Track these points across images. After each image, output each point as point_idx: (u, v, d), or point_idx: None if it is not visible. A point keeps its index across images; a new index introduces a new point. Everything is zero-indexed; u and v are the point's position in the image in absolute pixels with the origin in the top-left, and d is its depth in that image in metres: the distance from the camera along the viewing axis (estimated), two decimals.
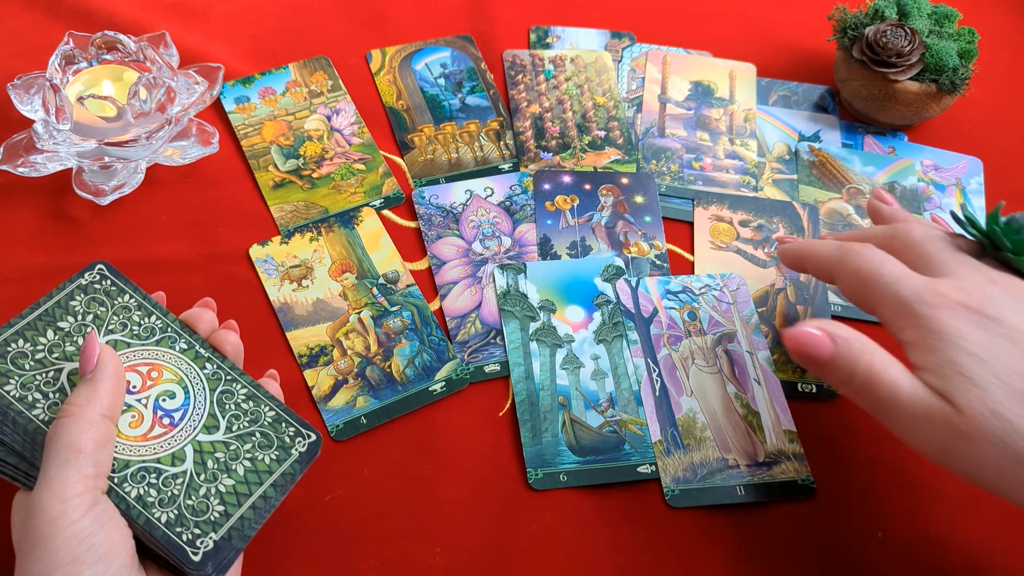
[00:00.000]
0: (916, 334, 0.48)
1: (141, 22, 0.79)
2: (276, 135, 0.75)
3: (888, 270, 0.51)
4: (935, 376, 0.47)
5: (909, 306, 0.49)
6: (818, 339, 0.50)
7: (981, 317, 0.47)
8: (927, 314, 0.48)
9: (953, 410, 0.46)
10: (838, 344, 0.50)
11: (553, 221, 0.71)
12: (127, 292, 0.54)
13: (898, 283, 0.50)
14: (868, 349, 0.49)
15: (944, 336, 0.47)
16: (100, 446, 0.45)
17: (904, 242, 0.54)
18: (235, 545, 0.47)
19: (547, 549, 0.57)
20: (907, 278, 0.50)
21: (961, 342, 0.47)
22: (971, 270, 0.50)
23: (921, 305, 0.48)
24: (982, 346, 0.46)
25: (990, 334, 0.47)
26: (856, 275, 0.52)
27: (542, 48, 0.84)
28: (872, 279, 0.51)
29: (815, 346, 0.50)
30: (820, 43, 0.86)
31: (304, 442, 0.52)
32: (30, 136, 0.66)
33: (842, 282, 0.54)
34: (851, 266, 0.53)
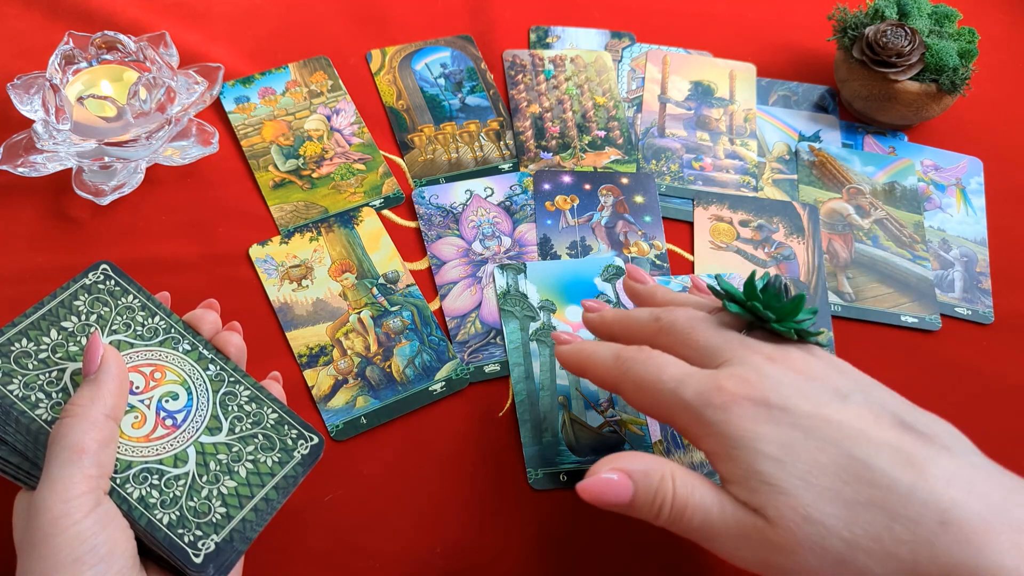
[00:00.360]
0: (713, 443, 0.45)
1: (141, 22, 0.79)
2: (276, 135, 0.75)
3: (668, 374, 0.47)
4: (742, 489, 0.44)
5: (697, 412, 0.46)
6: (617, 485, 0.46)
7: (768, 409, 0.44)
8: (717, 419, 0.45)
9: (766, 523, 0.43)
10: (636, 480, 0.46)
11: (553, 221, 0.71)
12: (131, 292, 0.54)
13: (680, 388, 0.46)
14: (668, 475, 0.46)
15: (739, 442, 0.44)
16: (103, 446, 0.45)
17: (672, 336, 0.51)
18: (236, 547, 0.47)
19: (547, 549, 0.57)
20: (687, 379, 0.47)
21: (758, 445, 0.44)
22: (746, 351, 0.48)
23: (708, 409, 0.45)
24: (778, 445, 0.43)
25: (783, 428, 0.44)
26: (639, 388, 0.49)
27: (542, 48, 0.84)
28: (654, 388, 0.48)
29: (615, 493, 0.46)
30: (820, 43, 0.86)
31: (306, 445, 0.52)
32: (30, 136, 0.66)
33: (627, 395, 0.50)
34: (631, 378, 0.49)
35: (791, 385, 0.45)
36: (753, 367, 0.46)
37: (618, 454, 0.47)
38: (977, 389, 0.66)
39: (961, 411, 0.65)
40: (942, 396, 0.65)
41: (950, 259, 0.72)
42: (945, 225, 0.74)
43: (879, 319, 0.68)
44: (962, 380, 0.66)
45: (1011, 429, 0.64)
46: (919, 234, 0.73)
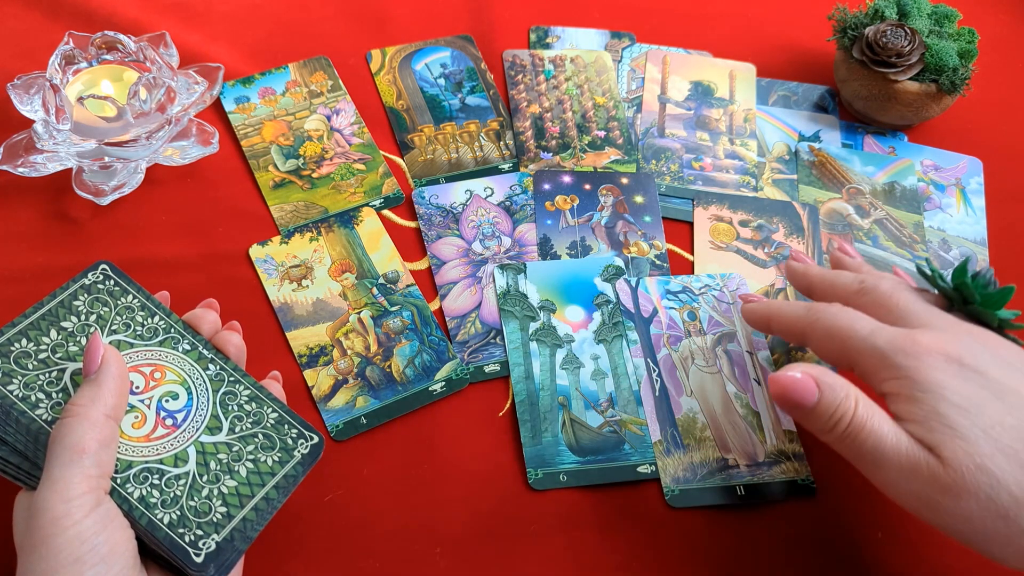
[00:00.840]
0: (898, 385, 0.47)
1: (141, 22, 0.79)
2: (276, 135, 0.75)
3: (861, 324, 0.50)
4: (920, 427, 0.46)
5: (888, 357, 0.48)
6: (804, 385, 0.49)
7: (962, 367, 0.46)
8: (908, 364, 0.47)
9: (939, 463, 0.45)
10: (823, 390, 0.48)
11: (553, 221, 0.71)
12: (130, 292, 0.54)
13: (873, 335, 0.49)
14: (853, 396, 0.48)
15: (927, 387, 0.46)
16: (104, 446, 0.45)
17: (872, 297, 0.53)
18: (237, 547, 0.47)
19: (547, 549, 0.57)
20: (881, 329, 0.49)
21: (945, 393, 0.46)
22: (945, 321, 0.50)
23: (900, 355, 0.47)
24: (966, 398, 0.45)
25: (973, 385, 0.46)
26: (829, 333, 0.51)
27: (542, 48, 0.84)
28: (846, 334, 0.50)
29: (801, 393, 0.49)
30: (820, 43, 0.86)
31: (307, 444, 0.52)
32: (30, 136, 0.66)
33: (815, 342, 0.53)
34: (823, 325, 0.52)
35: (986, 357, 0.47)
36: (952, 332, 0.48)
37: (810, 364, 0.50)
38: None
39: None
40: None
41: (950, 259, 0.72)
42: (945, 225, 0.74)
43: None
44: None
45: None
46: (919, 234, 0.73)
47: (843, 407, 0.48)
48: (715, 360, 0.65)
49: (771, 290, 0.69)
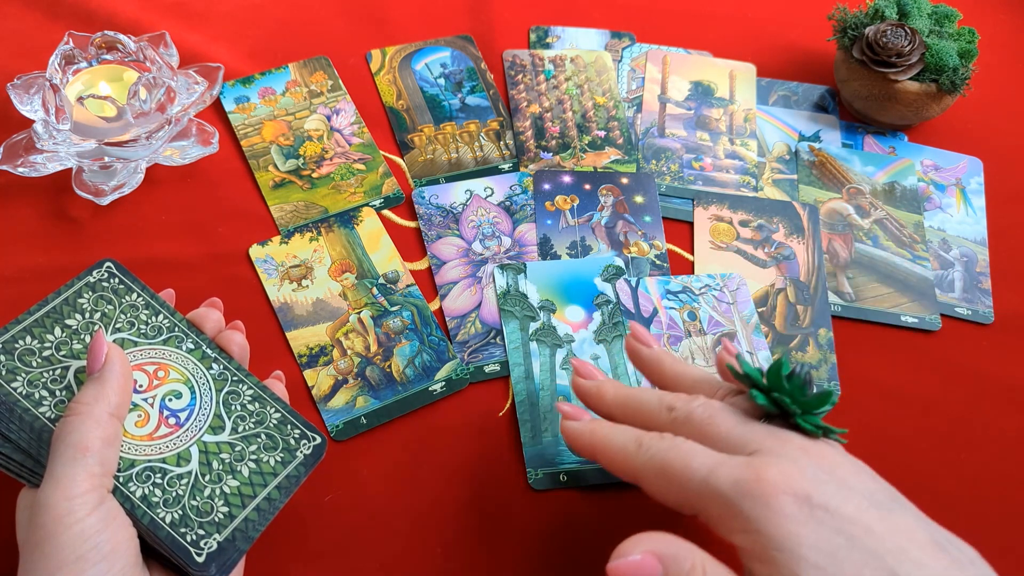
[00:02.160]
0: (749, 540, 0.42)
1: (141, 22, 0.79)
2: (276, 135, 0.75)
3: (699, 460, 0.45)
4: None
5: (734, 504, 0.42)
6: (646, 567, 0.44)
7: (811, 508, 0.42)
8: (757, 515, 0.42)
9: None
10: (667, 565, 0.43)
11: (553, 221, 0.72)
12: (135, 291, 0.54)
13: (712, 475, 0.44)
14: (699, 566, 0.43)
15: (781, 544, 0.41)
16: (107, 445, 0.45)
17: (688, 426, 0.48)
18: (239, 547, 0.47)
19: (547, 549, 0.57)
20: (720, 467, 0.44)
21: (802, 551, 0.41)
22: (777, 441, 0.45)
23: (747, 500, 0.42)
24: (823, 553, 0.41)
25: (826, 531, 0.41)
26: (663, 475, 0.46)
27: (542, 48, 0.84)
28: (683, 476, 0.45)
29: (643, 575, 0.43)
30: (820, 43, 0.86)
31: (309, 444, 0.52)
32: (30, 136, 0.66)
33: (648, 484, 0.47)
34: (655, 464, 0.46)
35: (830, 485, 0.43)
36: (790, 458, 0.44)
37: (648, 535, 0.45)
38: (977, 389, 0.66)
39: (961, 411, 0.66)
40: (942, 396, 0.65)
41: (950, 259, 0.72)
42: (945, 225, 0.75)
43: (879, 319, 0.68)
44: (962, 380, 0.66)
45: (1011, 429, 0.64)
46: (919, 234, 0.73)
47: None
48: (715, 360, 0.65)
49: (771, 290, 0.69)
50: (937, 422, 0.64)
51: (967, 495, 0.61)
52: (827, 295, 0.69)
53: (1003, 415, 0.65)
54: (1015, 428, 0.64)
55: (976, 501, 0.61)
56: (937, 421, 0.64)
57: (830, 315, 0.68)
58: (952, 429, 0.64)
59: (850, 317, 0.69)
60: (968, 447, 0.63)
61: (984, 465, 0.63)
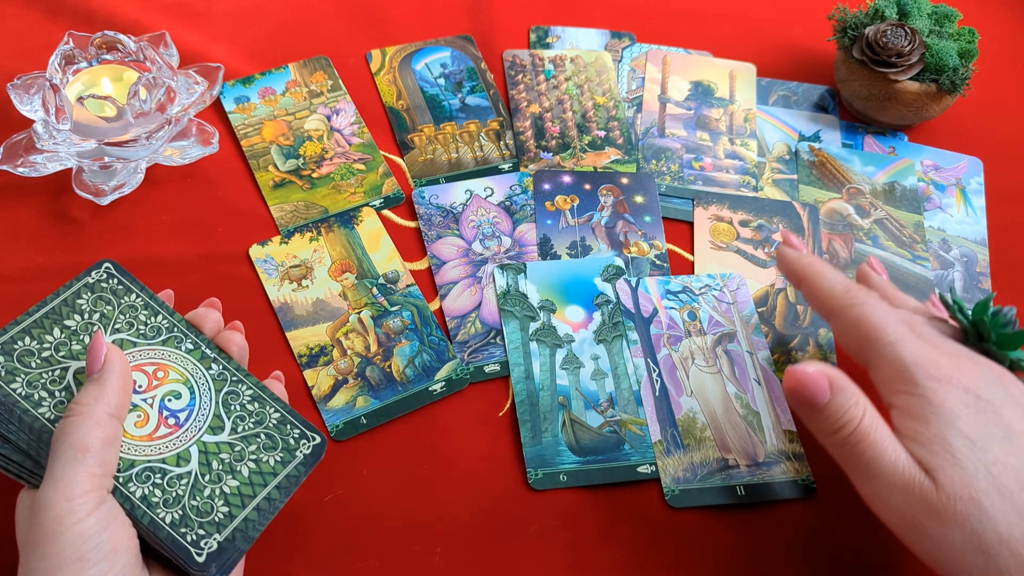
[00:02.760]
0: (910, 401, 0.47)
1: (141, 22, 0.79)
2: (276, 135, 0.75)
3: (892, 328, 0.50)
4: (923, 449, 0.46)
5: (909, 371, 0.48)
6: (817, 383, 0.48)
7: (977, 398, 0.46)
8: (927, 384, 0.47)
9: (932, 486, 0.45)
10: (835, 393, 0.48)
11: (553, 221, 0.71)
12: (134, 291, 0.54)
13: (899, 344, 0.49)
14: (862, 404, 0.48)
15: (940, 411, 0.46)
16: (107, 445, 0.45)
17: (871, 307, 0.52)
18: (239, 546, 0.47)
19: (547, 549, 0.57)
20: (909, 341, 0.49)
21: (956, 421, 0.46)
22: (962, 352, 0.50)
23: (921, 373, 0.47)
24: (976, 430, 0.45)
25: (984, 418, 0.46)
26: (857, 325, 0.51)
27: (542, 48, 0.84)
28: (874, 333, 0.50)
29: (813, 390, 0.48)
30: (820, 43, 0.86)
31: (308, 444, 0.52)
32: (30, 136, 0.66)
33: (840, 326, 0.52)
34: (855, 313, 0.51)
35: (1000, 395, 0.47)
36: (973, 362, 0.48)
37: (827, 365, 0.50)
38: None
39: None
40: None
41: (950, 259, 0.72)
42: (945, 225, 0.75)
43: None
44: None
45: None
46: (919, 234, 0.73)
47: (851, 413, 0.48)
48: (715, 360, 0.65)
49: (771, 290, 0.69)
50: None
51: None
52: None
53: None
54: None
55: None
56: None
57: None
58: None
59: None
60: None
61: None
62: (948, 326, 0.53)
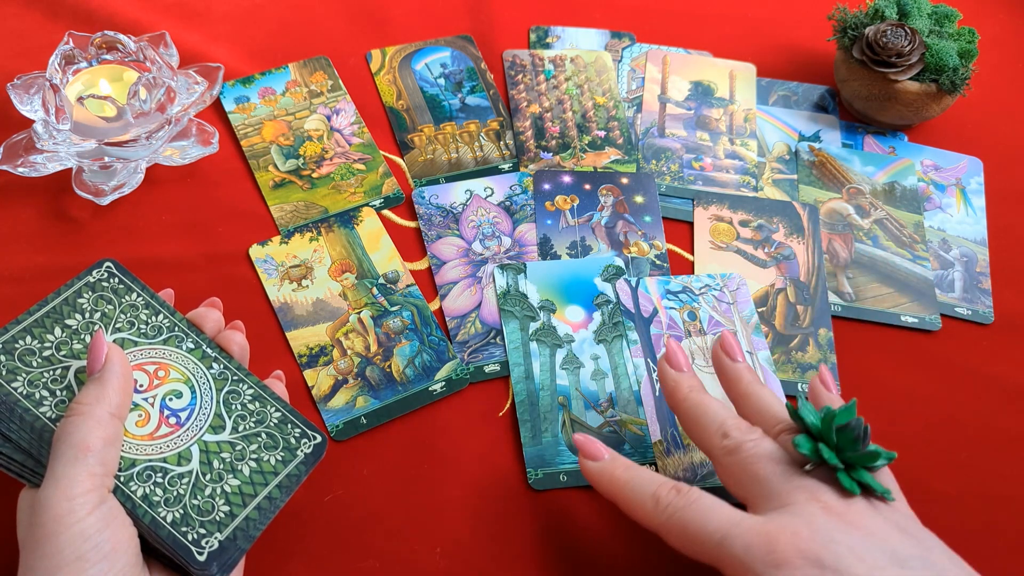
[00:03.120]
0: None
1: (141, 22, 0.79)
2: (276, 135, 0.75)
3: (714, 524, 0.46)
4: None
5: (748, 568, 0.44)
6: None
7: (822, 570, 0.43)
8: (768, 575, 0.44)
9: None
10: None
11: (553, 221, 0.72)
12: (135, 290, 0.54)
13: (727, 541, 0.45)
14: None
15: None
16: (108, 444, 0.45)
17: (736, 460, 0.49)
18: (240, 545, 0.47)
19: (547, 549, 0.57)
20: (734, 530, 0.46)
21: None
22: (805, 497, 0.46)
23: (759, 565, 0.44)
24: None
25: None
26: (683, 534, 0.48)
27: (542, 48, 0.84)
28: (700, 538, 0.47)
29: None
30: (820, 43, 0.86)
31: (309, 443, 0.52)
32: (30, 136, 0.66)
33: (671, 541, 0.49)
34: (675, 524, 0.48)
35: (846, 544, 0.44)
36: (808, 518, 0.45)
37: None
38: (977, 389, 0.66)
39: (961, 411, 0.66)
40: (942, 396, 0.65)
41: (950, 259, 0.72)
42: (945, 225, 0.75)
43: (879, 319, 0.68)
44: (962, 380, 0.66)
45: (1011, 429, 0.64)
46: (919, 234, 0.73)
47: None
48: None
49: (771, 290, 0.69)
50: (937, 422, 0.64)
51: (967, 495, 0.61)
52: (827, 295, 0.69)
53: (1003, 415, 0.65)
54: (1015, 428, 0.64)
55: (976, 501, 0.61)
56: (937, 421, 0.64)
57: (830, 315, 0.68)
58: (952, 429, 0.64)
59: (850, 317, 0.69)
60: (968, 447, 0.63)
61: (984, 465, 0.63)
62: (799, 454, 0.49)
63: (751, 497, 0.48)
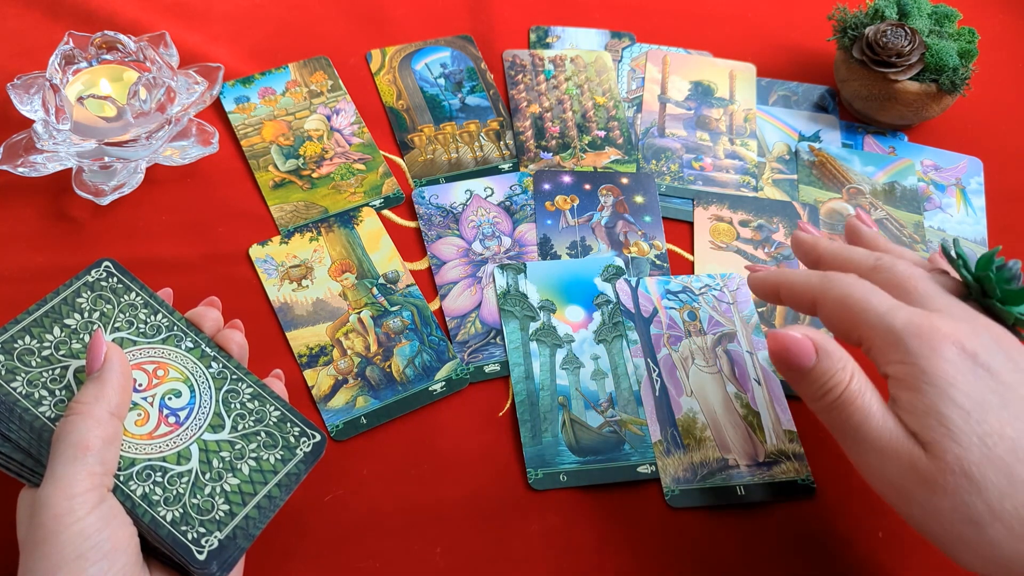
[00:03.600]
0: (904, 370, 0.45)
1: (141, 22, 0.79)
2: (276, 135, 0.75)
3: (878, 300, 0.48)
4: (916, 420, 0.44)
5: (901, 339, 0.46)
6: (802, 346, 0.47)
7: (974, 364, 0.45)
8: (920, 351, 0.45)
9: (924, 457, 0.44)
10: (820, 356, 0.47)
11: (553, 221, 0.71)
12: (133, 290, 0.54)
13: (890, 313, 0.47)
14: (849, 368, 0.47)
15: (934, 380, 0.44)
16: (108, 444, 0.45)
17: (888, 276, 0.50)
18: (240, 544, 0.47)
19: (547, 549, 0.57)
20: (899, 308, 0.47)
21: (951, 391, 0.44)
22: (962, 311, 0.48)
23: (914, 339, 0.45)
24: (971, 399, 0.44)
25: (981, 385, 0.44)
26: (842, 304, 0.49)
27: (542, 48, 0.84)
28: (860, 307, 0.48)
29: (797, 354, 0.47)
30: (820, 43, 0.86)
31: (309, 442, 0.52)
32: (30, 136, 0.66)
33: (826, 310, 0.50)
34: (836, 293, 0.49)
35: (999, 356, 0.45)
36: (970, 324, 0.46)
37: (814, 330, 0.48)
38: None
39: None
40: None
41: None
42: (945, 225, 0.75)
43: None
44: None
45: None
46: (919, 234, 0.73)
47: (837, 377, 0.47)
48: (715, 360, 0.65)
49: None
50: None
51: None
52: None
53: None
54: None
55: None
56: None
57: None
58: None
59: None
60: None
61: None
62: (950, 280, 0.51)
63: None
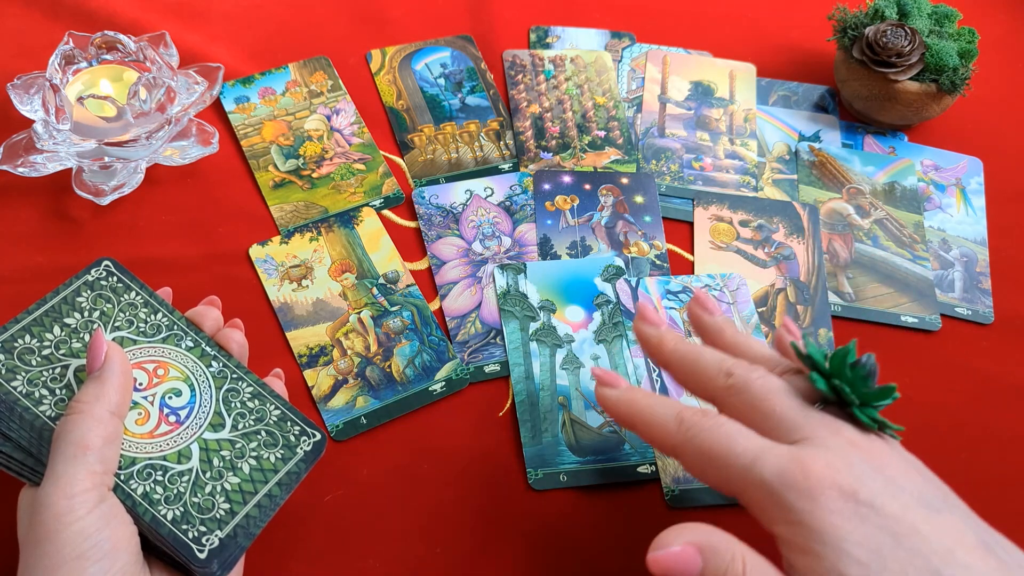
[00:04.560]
0: (791, 531, 0.41)
1: (141, 22, 0.79)
2: (276, 135, 0.75)
3: (741, 447, 0.43)
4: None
5: (778, 494, 0.42)
6: (684, 558, 0.42)
7: (857, 505, 0.41)
8: (801, 507, 0.41)
9: None
10: (706, 556, 0.43)
11: (553, 221, 0.71)
12: (133, 289, 0.54)
13: (756, 463, 0.43)
14: (739, 557, 0.43)
15: (826, 539, 0.40)
16: (108, 443, 0.45)
17: (744, 398, 0.46)
18: (240, 543, 0.47)
19: (547, 549, 0.57)
20: (764, 454, 0.43)
21: (845, 546, 0.40)
22: (828, 432, 0.44)
23: (792, 492, 0.41)
24: (866, 548, 0.40)
25: (871, 528, 0.41)
26: (704, 457, 0.45)
27: (542, 48, 0.84)
28: (724, 462, 0.44)
29: (684, 569, 0.42)
30: (820, 43, 0.86)
31: (309, 441, 0.52)
32: (30, 136, 0.66)
33: (688, 462, 0.46)
34: (696, 445, 0.45)
35: (877, 483, 0.42)
36: (838, 451, 0.43)
37: (687, 526, 0.44)
38: (977, 389, 0.66)
39: (961, 411, 0.66)
40: (942, 396, 0.65)
41: (950, 259, 0.72)
42: (945, 225, 0.75)
43: (879, 319, 0.68)
44: (962, 380, 0.66)
45: (1011, 429, 0.64)
46: (919, 234, 0.73)
47: (730, 571, 0.42)
48: None
49: (771, 290, 0.69)
50: (937, 422, 0.64)
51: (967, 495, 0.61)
52: (827, 295, 0.69)
53: (1003, 415, 0.65)
54: (1015, 428, 0.64)
55: (976, 501, 0.61)
56: (937, 421, 0.64)
57: (830, 315, 0.68)
58: (952, 429, 0.64)
59: (850, 317, 0.68)
60: (968, 447, 0.63)
61: (984, 465, 0.63)
62: (806, 382, 0.48)
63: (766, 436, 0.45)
